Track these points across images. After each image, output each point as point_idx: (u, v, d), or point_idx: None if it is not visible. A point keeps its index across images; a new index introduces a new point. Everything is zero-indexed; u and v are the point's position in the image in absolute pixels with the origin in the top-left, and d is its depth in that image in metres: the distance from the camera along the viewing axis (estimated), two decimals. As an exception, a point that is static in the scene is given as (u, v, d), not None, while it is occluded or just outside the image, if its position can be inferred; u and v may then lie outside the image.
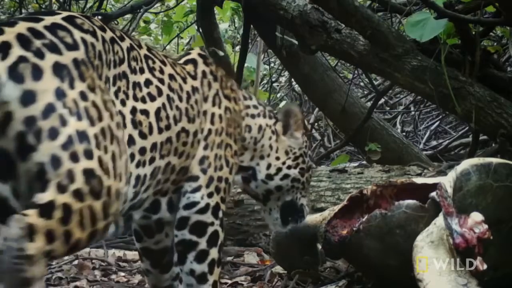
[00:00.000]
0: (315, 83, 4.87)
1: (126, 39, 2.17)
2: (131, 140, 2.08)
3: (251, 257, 3.64)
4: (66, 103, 1.77)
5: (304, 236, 2.97)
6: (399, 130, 6.42)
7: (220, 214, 2.44)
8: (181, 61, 2.53)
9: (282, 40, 4.52)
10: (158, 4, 5.07)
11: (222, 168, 2.47)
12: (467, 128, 5.88)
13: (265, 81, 7.61)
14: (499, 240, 2.42)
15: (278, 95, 7.72)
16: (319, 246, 2.98)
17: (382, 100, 6.79)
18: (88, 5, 5.93)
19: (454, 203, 2.41)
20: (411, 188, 2.73)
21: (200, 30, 4.95)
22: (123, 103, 2.07)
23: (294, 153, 2.77)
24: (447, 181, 2.48)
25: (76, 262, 3.45)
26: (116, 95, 2.04)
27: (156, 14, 6.15)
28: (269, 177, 2.74)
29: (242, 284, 3.26)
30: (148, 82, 2.20)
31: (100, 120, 1.85)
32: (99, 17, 4.88)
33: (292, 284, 3.00)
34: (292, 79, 6.82)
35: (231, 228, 3.91)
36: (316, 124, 6.99)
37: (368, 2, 4.99)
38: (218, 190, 2.45)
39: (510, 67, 5.62)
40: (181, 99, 2.32)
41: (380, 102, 6.11)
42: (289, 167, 2.75)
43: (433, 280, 2.29)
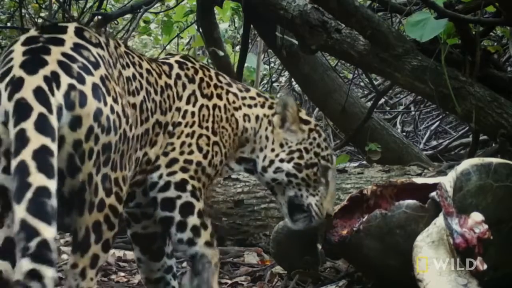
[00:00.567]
0: (315, 83, 4.87)
1: (110, 40, 2.32)
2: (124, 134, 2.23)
3: (251, 257, 3.64)
4: (101, 121, 2.01)
5: (304, 236, 2.97)
6: (399, 130, 6.42)
7: (188, 188, 2.47)
8: (160, 61, 2.67)
9: (282, 40, 4.52)
10: (158, 4, 5.07)
11: (191, 153, 2.51)
12: (467, 128, 5.88)
13: (265, 81, 7.61)
14: (499, 240, 2.42)
15: (278, 95, 7.72)
16: (319, 246, 2.97)
17: (382, 100, 6.79)
18: (88, 5, 5.93)
19: (454, 203, 2.41)
20: (411, 188, 2.73)
21: (200, 30, 4.95)
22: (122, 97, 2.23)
23: (289, 147, 2.71)
24: (447, 181, 2.48)
25: (76, 262, 3.43)
26: (122, 89, 2.22)
27: (156, 14, 6.15)
28: (264, 169, 2.73)
29: (242, 284, 3.26)
30: (134, 76, 2.35)
31: (120, 127, 2.09)
32: (99, 17, 4.91)
33: (292, 284, 3.00)
34: (292, 79, 6.82)
35: (231, 228, 3.91)
36: (316, 124, 6.98)
37: (368, 2, 4.99)
38: (184, 170, 2.48)
39: (510, 67, 5.62)
40: (156, 92, 2.46)
41: (380, 102, 6.12)
42: (281, 161, 2.70)
43: (433, 280, 2.29)
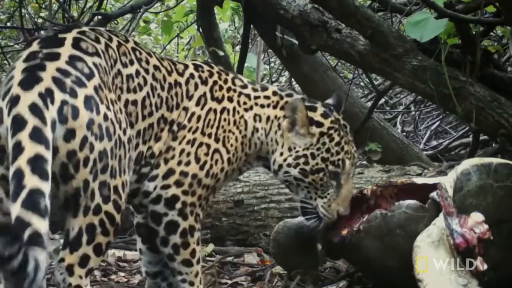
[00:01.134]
0: (315, 83, 4.86)
1: (113, 38, 2.40)
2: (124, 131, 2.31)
3: (251, 257, 3.64)
4: (94, 130, 2.12)
5: (304, 236, 2.96)
6: (399, 130, 6.42)
7: (177, 205, 2.49)
8: (176, 61, 2.71)
9: (282, 40, 4.52)
10: (158, 4, 5.07)
11: (188, 164, 2.52)
12: (467, 128, 5.88)
13: (265, 81, 7.61)
14: (499, 241, 2.42)
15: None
16: (319, 246, 2.97)
17: (382, 100, 6.78)
18: (88, 5, 5.93)
19: (455, 203, 2.41)
20: (411, 188, 2.73)
21: (200, 30, 4.95)
22: (119, 98, 2.32)
23: (296, 152, 2.67)
24: (448, 181, 2.48)
25: (76, 262, 3.44)
26: (115, 92, 2.30)
27: (156, 14, 6.15)
28: (275, 172, 2.73)
29: (242, 284, 3.26)
30: (137, 73, 2.42)
31: (114, 133, 2.19)
32: (99, 17, 4.90)
33: (293, 284, 3.00)
34: (292, 79, 6.82)
35: (231, 228, 3.91)
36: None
37: (368, 2, 4.99)
38: (178, 183, 2.50)
39: (510, 67, 5.61)
40: (163, 88, 2.51)
41: (380, 102, 6.11)
42: (288, 165, 2.67)
43: (433, 280, 2.29)
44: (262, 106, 2.72)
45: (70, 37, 2.24)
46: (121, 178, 2.22)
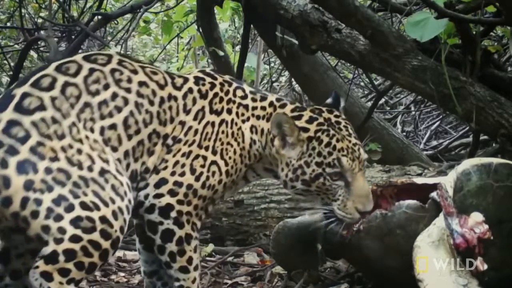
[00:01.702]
0: (315, 83, 4.87)
1: (84, 68, 2.42)
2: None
3: (251, 257, 3.64)
4: (36, 187, 2.22)
5: (305, 236, 2.96)
6: (399, 130, 6.41)
7: (172, 214, 2.49)
8: (177, 74, 2.69)
9: (282, 40, 4.52)
10: (158, 4, 5.07)
11: (183, 175, 2.51)
12: (467, 128, 5.87)
13: (265, 81, 7.61)
14: (499, 241, 2.42)
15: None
16: (319, 246, 2.97)
17: (383, 100, 6.78)
18: (88, 5, 5.94)
19: (455, 203, 2.41)
20: (411, 188, 2.73)
21: (200, 30, 4.96)
22: (92, 130, 2.36)
23: (292, 165, 2.61)
24: (448, 181, 2.48)
25: (76, 262, 3.44)
26: (85, 127, 2.35)
27: (156, 14, 6.14)
28: (285, 188, 2.71)
29: (242, 284, 3.26)
30: (114, 95, 2.43)
31: (69, 178, 2.26)
32: (99, 17, 4.91)
33: (298, 286, 3.00)
34: (292, 79, 6.81)
35: (231, 228, 3.91)
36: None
37: (369, 2, 4.99)
38: (172, 193, 2.49)
39: (510, 67, 5.61)
40: (152, 103, 2.50)
41: (380, 102, 6.11)
42: (291, 180, 2.63)
43: (434, 280, 2.29)
44: (258, 117, 2.69)
45: (18, 94, 2.32)
46: (110, 207, 2.28)
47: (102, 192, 2.28)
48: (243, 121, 2.66)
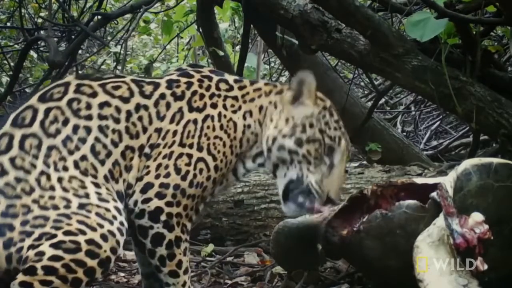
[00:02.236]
0: (315, 83, 4.86)
1: (40, 109, 2.42)
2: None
3: (251, 257, 3.63)
4: (16, 241, 2.23)
5: (305, 236, 2.96)
6: (399, 130, 6.41)
7: (162, 217, 2.47)
8: (147, 81, 2.63)
9: (282, 40, 4.52)
10: (158, 4, 5.06)
11: (168, 176, 2.48)
12: (467, 128, 5.87)
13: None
14: (500, 241, 2.42)
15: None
16: (319, 246, 2.97)
17: (383, 100, 6.78)
18: (88, 5, 5.93)
19: (455, 203, 2.41)
20: (411, 188, 2.72)
21: (200, 30, 4.95)
22: (65, 169, 2.36)
23: (294, 121, 2.62)
24: (448, 181, 2.47)
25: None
26: (57, 170, 2.34)
27: (156, 13, 6.14)
28: (269, 150, 2.66)
29: (242, 285, 3.26)
30: (75, 128, 2.43)
31: (47, 219, 2.25)
32: (99, 17, 4.90)
33: (299, 285, 3.01)
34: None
35: (231, 228, 3.91)
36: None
37: (369, 2, 4.99)
38: (160, 195, 2.47)
39: (511, 67, 5.61)
40: (118, 120, 2.48)
41: (380, 102, 6.11)
42: (284, 136, 2.61)
43: (434, 280, 2.29)
44: (251, 100, 2.68)
45: None
46: (98, 231, 2.26)
47: (87, 220, 2.27)
48: (233, 112, 2.64)
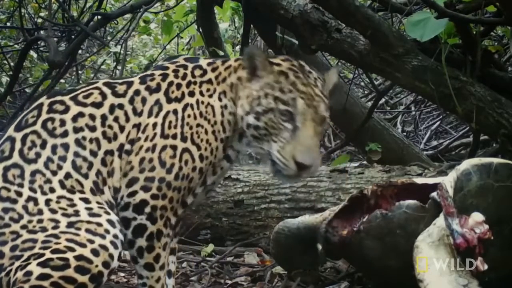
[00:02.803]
0: (315, 83, 4.85)
1: (17, 138, 2.43)
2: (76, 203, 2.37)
3: (251, 257, 3.63)
4: (5, 266, 2.22)
5: (305, 236, 2.96)
6: (399, 130, 6.41)
7: (146, 210, 2.45)
8: (120, 81, 2.62)
9: (282, 40, 4.52)
10: (158, 4, 5.06)
11: (153, 169, 2.46)
12: (468, 128, 5.87)
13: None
14: (500, 241, 2.42)
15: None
16: (319, 246, 2.97)
17: (383, 100, 6.78)
18: (88, 5, 5.93)
19: (455, 203, 2.41)
20: (411, 188, 2.73)
21: (200, 30, 4.95)
22: (52, 190, 2.35)
23: (252, 96, 2.56)
24: (448, 181, 2.47)
25: (75, 262, 3.43)
26: (44, 193, 2.33)
27: (156, 13, 6.14)
28: (246, 129, 2.58)
29: (242, 285, 3.26)
30: (54, 148, 2.42)
31: (35, 242, 2.24)
32: (99, 17, 4.90)
33: (294, 285, 3.00)
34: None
35: (231, 228, 3.91)
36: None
37: (369, 2, 4.99)
38: (145, 188, 2.45)
39: (511, 67, 5.61)
40: (93, 129, 2.47)
41: (380, 102, 6.11)
42: (247, 113, 2.55)
43: (434, 280, 2.29)
44: (223, 79, 2.63)
45: None
46: (88, 247, 2.24)
47: (76, 237, 2.25)
48: (210, 96, 2.60)
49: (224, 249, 3.74)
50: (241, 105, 2.57)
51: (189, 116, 2.54)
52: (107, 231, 2.30)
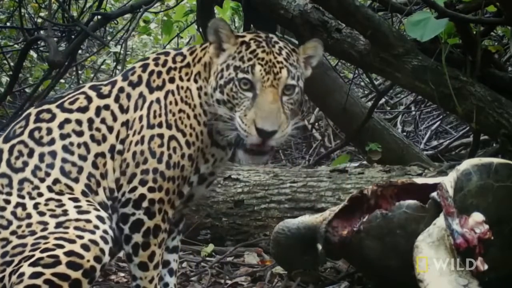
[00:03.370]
0: (315, 82, 4.85)
1: (4, 149, 2.46)
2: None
3: (251, 257, 3.63)
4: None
5: (305, 236, 2.96)
6: (399, 130, 6.40)
7: (144, 204, 2.47)
8: (105, 82, 2.64)
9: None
10: (158, 4, 5.07)
11: (146, 161, 2.48)
12: (468, 128, 5.86)
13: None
14: (500, 241, 2.42)
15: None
16: (319, 246, 2.97)
17: (383, 100, 6.78)
18: (88, 5, 5.93)
19: (455, 203, 2.41)
20: (411, 188, 2.73)
21: (200, 30, 4.95)
22: (40, 195, 2.37)
23: (217, 70, 2.53)
24: (448, 181, 2.47)
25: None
26: (32, 198, 2.35)
27: (156, 13, 6.14)
28: (211, 110, 2.56)
29: (242, 285, 3.26)
30: (41, 156, 2.44)
31: (25, 246, 2.25)
32: (99, 17, 4.90)
33: (294, 285, 3.00)
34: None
35: (231, 228, 3.91)
36: (316, 124, 6.98)
37: (369, 2, 4.98)
38: (143, 182, 2.47)
39: (511, 67, 5.61)
40: (80, 133, 2.49)
41: (380, 102, 6.10)
42: (214, 89, 2.52)
43: (434, 280, 2.29)
44: (198, 60, 2.63)
45: None
46: (78, 243, 2.25)
47: (65, 235, 2.27)
48: (188, 80, 2.60)
49: (224, 249, 3.73)
50: (210, 82, 2.56)
51: (170, 103, 2.54)
52: (96, 226, 2.31)
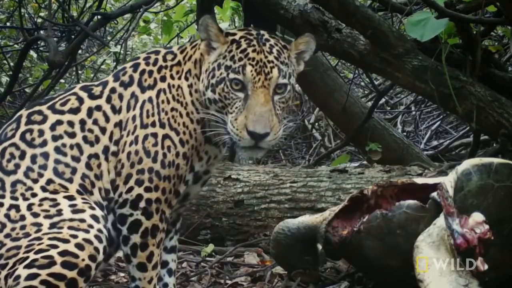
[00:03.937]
0: (315, 82, 4.86)
1: (1, 146, 2.47)
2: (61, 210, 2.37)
3: (251, 257, 3.63)
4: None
5: (305, 236, 2.96)
6: (399, 130, 6.40)
7: (141, 204, 2.47)
8: (96, 83, 2.64)
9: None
10: (158, 4, 5.06)
11: (141, 161, 2.48)
12: (468, 128, 5.86)
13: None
14: (500, 241, 2.41)
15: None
16: (319, 246, 2.96)
17: (383, 100, 6.78)
18: (88, 5, 5.93)
19: (455, 203, 2.41)
20: (412, 188, 2.72)
21: (200, 30, 4.94)
22: (34, 195, 2.37)
23: (208, 69, 2.52)
24: (448, 181, 2.47)
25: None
26: (26, 199, 2.36)
27: (156, 13, 6.14)
28: (203, 105, 2.56)
29: (242, 285, 3.25)
30: (33, 158, 2.44)
31: (19, 248, 2.26)
32: (99, 17, 4.90)
33: (294, 285, 3.00)
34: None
35: (231, 228, 3.91)
36: (316, 124, 6.97)
37: (369, 2, 4.98)
38: (139, 182, 2.47)
39: (511, 67, 5.61)
40: (72, 135, 2.49)
41: (380, 102, 6.10)
42: (206, 88, 2.51)
43: (434, 280, 2.28)
44: (189, 58, 2.62)
45: None
46: (72, 242, 2.25)
47: (59, 235, 2.27)
48: (179, 78, 2.59)
49: (224, 249, 3.73)
50: (202, 80, 2.55)
51: (163, 101, 2.54)
52: (90, 226, 2.32)
